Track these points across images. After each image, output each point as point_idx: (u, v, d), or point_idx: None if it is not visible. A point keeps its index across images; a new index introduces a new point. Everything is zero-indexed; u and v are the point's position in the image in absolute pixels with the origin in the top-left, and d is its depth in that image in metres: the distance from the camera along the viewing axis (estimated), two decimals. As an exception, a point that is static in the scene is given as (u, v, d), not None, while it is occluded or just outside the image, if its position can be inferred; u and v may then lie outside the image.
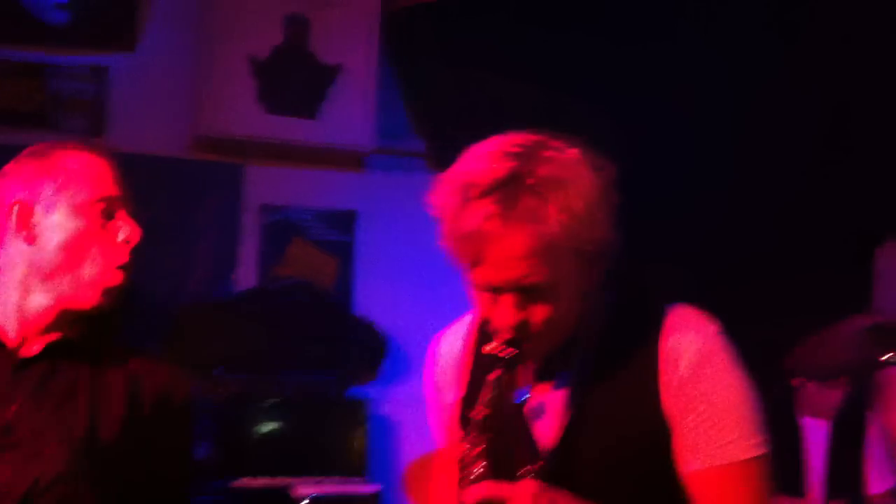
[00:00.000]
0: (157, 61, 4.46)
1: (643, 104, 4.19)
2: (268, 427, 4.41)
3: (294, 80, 4.42)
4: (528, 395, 1.59)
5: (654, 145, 4.18)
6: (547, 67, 4.29)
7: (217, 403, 4.36)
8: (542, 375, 1.60)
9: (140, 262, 1.92)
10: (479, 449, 1.47)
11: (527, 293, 1.47)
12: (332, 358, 4.59)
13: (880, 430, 3.86)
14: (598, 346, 1.55)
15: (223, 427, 4.33)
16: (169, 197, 4.55)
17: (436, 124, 4.56)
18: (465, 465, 1.48)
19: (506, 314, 1.48)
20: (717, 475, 1.51)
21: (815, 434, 3.80)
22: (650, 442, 1.52)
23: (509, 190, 1.43)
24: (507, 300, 1.48)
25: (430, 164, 4.68)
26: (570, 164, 1.47)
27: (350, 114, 4.45)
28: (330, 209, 4.68)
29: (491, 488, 1.42)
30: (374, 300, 4.69)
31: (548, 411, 1.57)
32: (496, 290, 1.48)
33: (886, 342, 2.88)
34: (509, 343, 1.49)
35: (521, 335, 1.48)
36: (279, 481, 4.19)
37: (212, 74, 4.36)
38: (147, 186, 4.63)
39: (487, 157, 1.49)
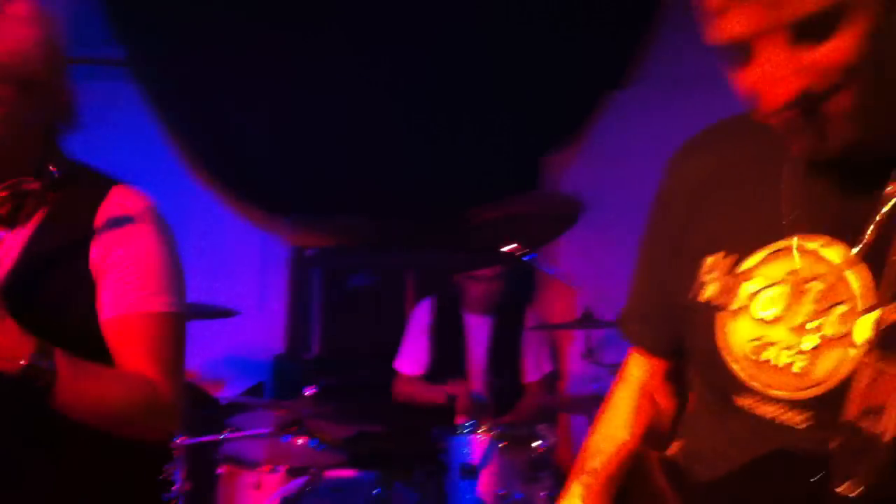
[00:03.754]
0: None
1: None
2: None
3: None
4: None
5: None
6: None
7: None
8: (7, 221, 1.75)
9: None
10: None
11: None
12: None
13: (536, 323, 4.26)
14: (50, 202, 1.73)
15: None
16: None
17: (135, 32, 4.49)
18: None
19: None
20: (128, 322, 1.70)
21: (477, 329, 4.14)
22: (77, 291, 1.71)
23: None
24: None
25: (130, 72, 4.62)
26: (18, 12, 1.68)
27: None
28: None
29: None
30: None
31: (6, 251, 1.74)
32: None
33: (506, 235, 3.13)
34: None
35: None
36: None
37: None
38: None
39: None
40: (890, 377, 1.05)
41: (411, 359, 4.14)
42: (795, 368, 1.14)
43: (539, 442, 3.26)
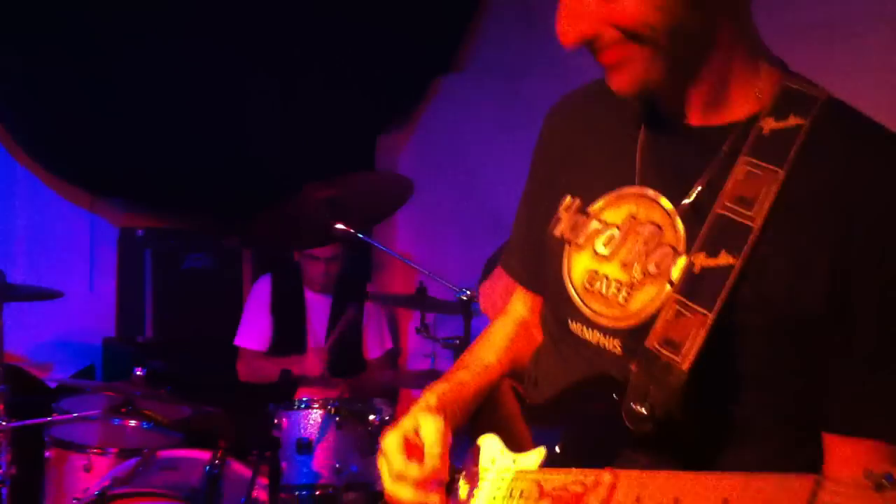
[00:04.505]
0: None
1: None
2: None
3: None
4: None
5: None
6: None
7: None
8: None
9: None
10: None
11: None
12: None
13: (375, 301, 4.33)
14: None
15: None
16: None
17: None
18: None
19: None
20: None
21: (317, 307, 4.17)
22: None
23: None
24: None
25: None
26: None
27: None
28: None
29: None
30: None
31: None
32: None
33: (339, 213, 3.18)
34: None
35: None
36: None
37: None
38: None
39: None
40: (691, 316, 1.18)
41: (253, 334, 4.14)
42: (619, 299, 1.26)
43: (375, 416, 3.31)
